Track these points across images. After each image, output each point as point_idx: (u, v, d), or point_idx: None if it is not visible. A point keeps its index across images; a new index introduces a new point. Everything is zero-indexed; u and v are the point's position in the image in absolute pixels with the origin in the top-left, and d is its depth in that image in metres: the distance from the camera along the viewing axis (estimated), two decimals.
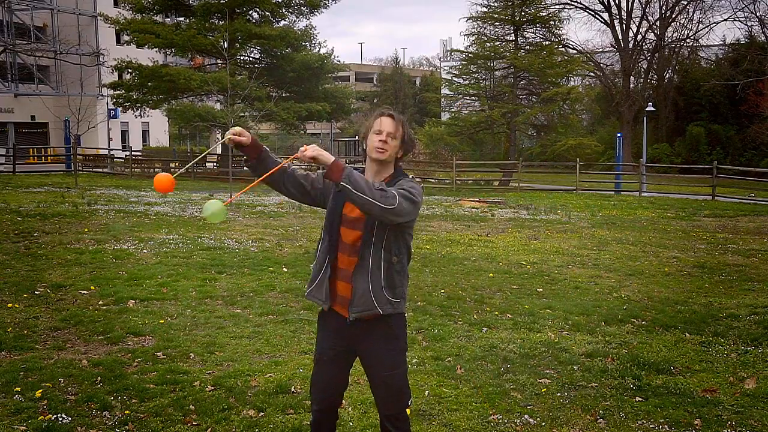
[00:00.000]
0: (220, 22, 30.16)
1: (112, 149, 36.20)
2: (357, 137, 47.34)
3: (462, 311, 7.12)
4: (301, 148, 2.96)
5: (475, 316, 6.93)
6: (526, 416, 4.47)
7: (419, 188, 3.15)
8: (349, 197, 2.92)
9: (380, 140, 3.17)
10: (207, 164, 35.06)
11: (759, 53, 37.88)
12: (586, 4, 40.75)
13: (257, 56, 34.02)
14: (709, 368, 5.49)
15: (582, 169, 27.07)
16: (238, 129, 3.13)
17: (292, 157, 3.22)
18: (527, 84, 32.40)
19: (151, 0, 31.60)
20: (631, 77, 41.40)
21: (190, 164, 4.29)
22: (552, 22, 31.99)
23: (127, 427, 4.20)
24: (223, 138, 3.17)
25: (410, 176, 3.29)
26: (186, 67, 34.48)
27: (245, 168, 3.25)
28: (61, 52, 37.74)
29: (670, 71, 44.14)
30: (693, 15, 41.73)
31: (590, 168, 30.56)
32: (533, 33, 32.39)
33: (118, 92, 32.58)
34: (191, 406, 4.48)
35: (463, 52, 33.01)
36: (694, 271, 9.84)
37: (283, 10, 32.37)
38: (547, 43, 32.24)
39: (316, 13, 33.59)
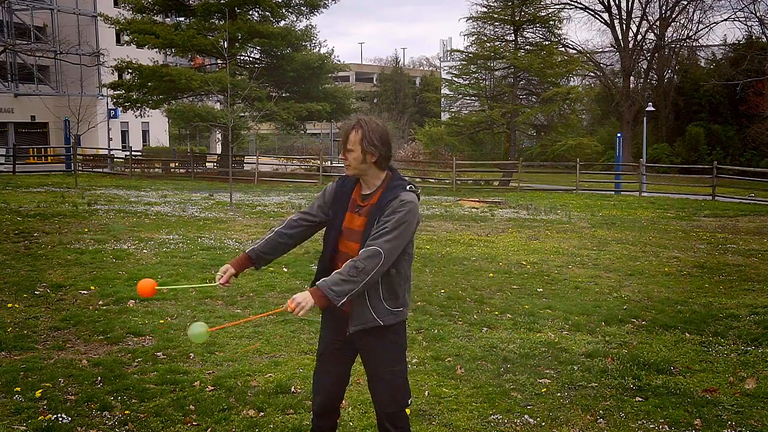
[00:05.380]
0: (220, 22, 30.14)
1: (112, 149, 36.23)
2: None
3: (462, 311, 7.11)
4: (287, 307, 2.98)
5: (475, 316, 6.92)
6: (526, 416, 4.47)
7: (410, 205, 3.01)
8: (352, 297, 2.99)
9: (340, 157, 3.17)
10: (207, 164, 35.07)
11: (759, 53, 37.89)
12: (586, 4, 40.87)
13: (257, 56, 34.00)
14: (709, 368, 5.49)
15: (582, 169, 27.08)
16: (219, 274, 3.26)
17: (277, 310, 3.45)
18: (527, 84, 32.42)
19: (151, 0, 31.59)
20: (631, 77, 41.42)
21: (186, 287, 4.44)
22: (552, 22, 32.01)
23: (127, 427, 4.20)
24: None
25: (407, 186, 3.08)
26: (186, 67, 34.45)
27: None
28: (61, 52, 37.70)
29: (670, 71, 44.17)
30: (693, 15, 41.85)
31: (590, 168, 30.57)
32: (533, 33, 32.44)
33: (118, 92, 32.57)
34: (191, 406, 4.48)
35: (463, 52, 33.03)
36: (694, 271, 9.84)
37: (283, 11, 32.34)
38: (546, 43, 32.27)
39: (316, 14, 33.60)
